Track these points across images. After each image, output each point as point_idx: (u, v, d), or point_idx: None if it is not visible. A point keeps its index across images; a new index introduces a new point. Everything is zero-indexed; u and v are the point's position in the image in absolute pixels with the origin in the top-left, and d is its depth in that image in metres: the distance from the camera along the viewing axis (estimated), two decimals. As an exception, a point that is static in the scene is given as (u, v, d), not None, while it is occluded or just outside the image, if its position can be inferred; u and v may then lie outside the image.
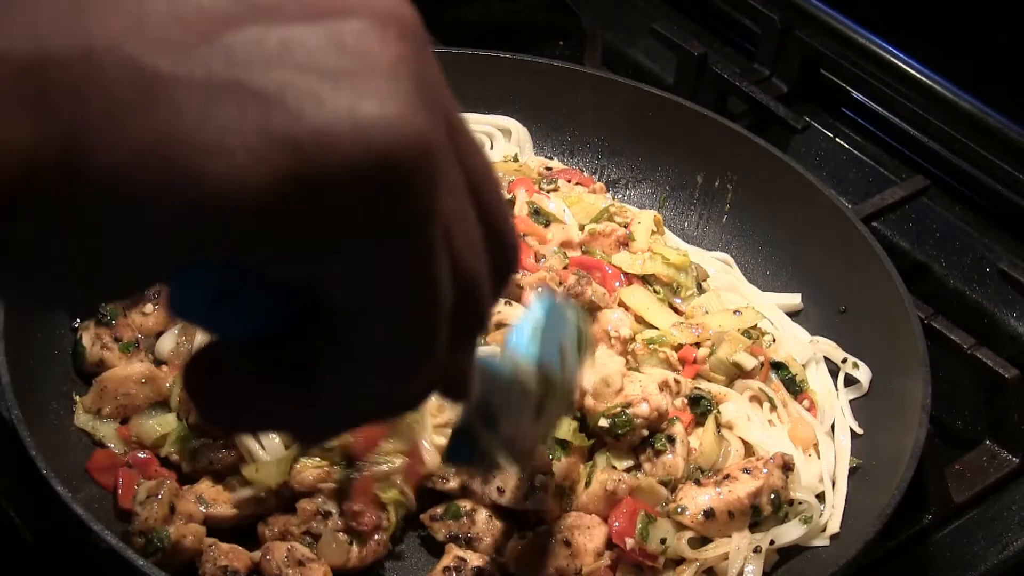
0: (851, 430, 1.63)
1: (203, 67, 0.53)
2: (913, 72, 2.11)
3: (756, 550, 1.44)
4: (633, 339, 1.64)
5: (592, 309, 1.63)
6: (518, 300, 1.64)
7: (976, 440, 1.73)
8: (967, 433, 1.79)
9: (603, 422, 1.50)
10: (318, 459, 1.43)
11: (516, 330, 1.03)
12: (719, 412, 1.57)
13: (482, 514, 1.46)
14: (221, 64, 0.53)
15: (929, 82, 2.09)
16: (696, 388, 1.59)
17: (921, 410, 1.51)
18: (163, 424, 1.50)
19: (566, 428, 1.49)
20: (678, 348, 1.64)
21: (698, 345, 1.65)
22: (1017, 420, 1.69)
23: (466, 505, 1.46)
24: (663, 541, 1.42)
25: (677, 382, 1.57)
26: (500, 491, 1.44)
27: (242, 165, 0.52)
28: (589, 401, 1.52)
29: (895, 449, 1.50)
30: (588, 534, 1.44)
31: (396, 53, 0.55)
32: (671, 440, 1.51)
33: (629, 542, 1.42)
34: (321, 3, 0.56)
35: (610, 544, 1.45)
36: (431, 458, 1.46)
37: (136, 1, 0.54)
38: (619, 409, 1.50)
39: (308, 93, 0.53)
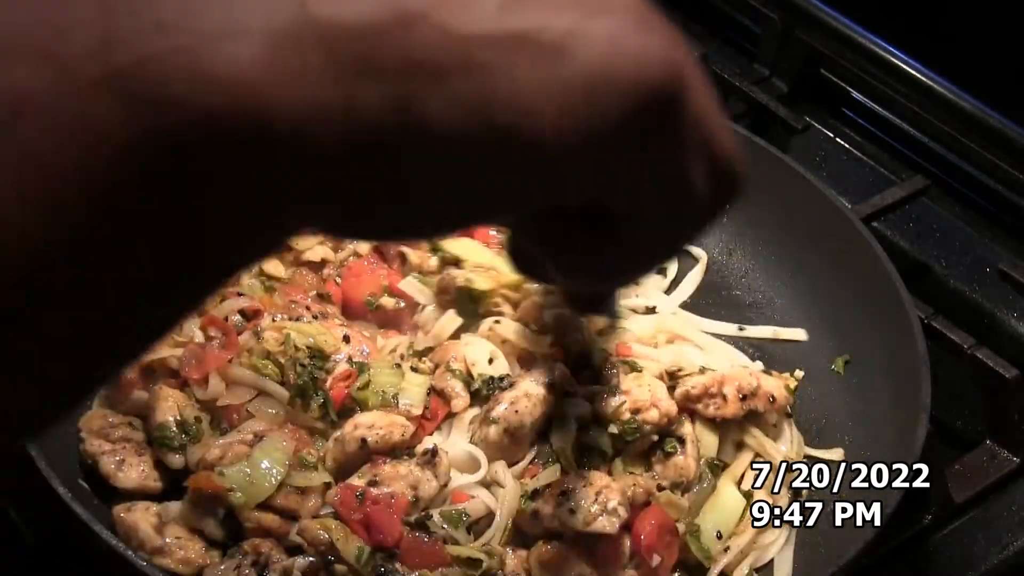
0: (850, 431, 1.63)
1: (491, 23, 0.56)
2: (913, 72, 2.10)
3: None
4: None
5: None
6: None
7: (976, 440, 1.73)
8: (967, 433, 1.79)
9: (612, 428, 1.48)
10: None
11: None
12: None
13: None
14: (497, 16, 0.56)
15: (929, 82, 2.09)
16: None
17: (921, 410, 1.51)
18: None
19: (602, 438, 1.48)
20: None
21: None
22: (1017, 420, 1.69)
23: None
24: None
25: None
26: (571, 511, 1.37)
27: (552, 123, 0.57)
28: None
29: (895, 449, 1.50)
30: (613, 543, 1.39)
31: None
32: (681, 441, 1.50)
33: (656, 559, 1.38)
34: None
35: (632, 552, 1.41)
36: None
37: None
38: (628, 415, 1.48)
39: (584, 36, 0.57)
